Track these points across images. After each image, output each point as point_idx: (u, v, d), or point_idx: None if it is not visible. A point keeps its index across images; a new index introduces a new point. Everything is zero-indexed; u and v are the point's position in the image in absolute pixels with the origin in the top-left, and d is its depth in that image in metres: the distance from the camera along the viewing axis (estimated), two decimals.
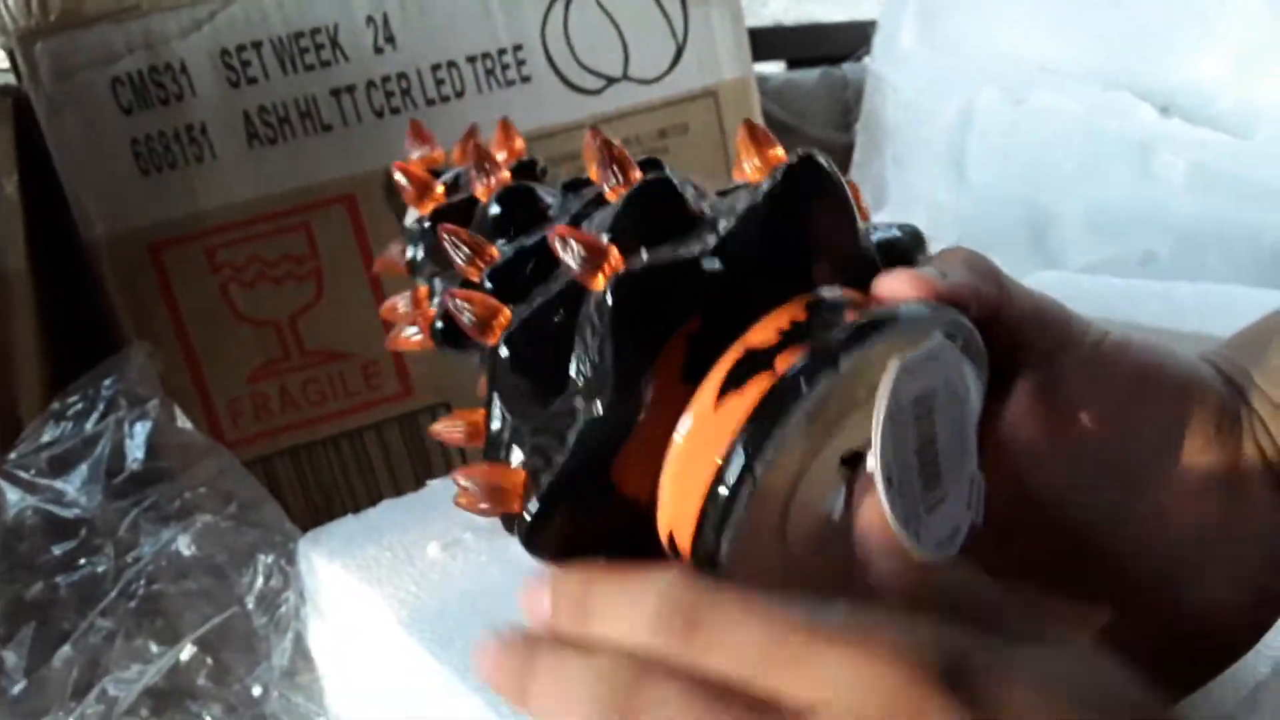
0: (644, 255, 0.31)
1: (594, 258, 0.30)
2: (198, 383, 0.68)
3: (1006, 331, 0.32)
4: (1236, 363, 0.34)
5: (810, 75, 0.97)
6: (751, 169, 0.33)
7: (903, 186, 0.84)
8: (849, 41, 0.98)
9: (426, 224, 0.40)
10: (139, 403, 0.53)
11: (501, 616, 0.48)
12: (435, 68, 0.67)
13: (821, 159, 0.31)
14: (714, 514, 0.28)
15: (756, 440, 0.28)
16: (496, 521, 0.54)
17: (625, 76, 0.69)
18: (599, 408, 0.30)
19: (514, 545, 0.53)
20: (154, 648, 0.49)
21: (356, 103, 0.67)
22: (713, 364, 0.29)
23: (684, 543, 0.30)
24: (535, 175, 0.41)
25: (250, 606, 0.48)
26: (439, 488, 0.56)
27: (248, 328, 0.68)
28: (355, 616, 0.49)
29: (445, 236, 0.35)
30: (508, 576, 0.49)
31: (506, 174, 0.39)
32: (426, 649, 0.46)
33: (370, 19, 0.66)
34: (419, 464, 0.72)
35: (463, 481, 0.34)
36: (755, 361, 0.29)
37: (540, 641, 0.29)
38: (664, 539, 0.31)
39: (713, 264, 0.30)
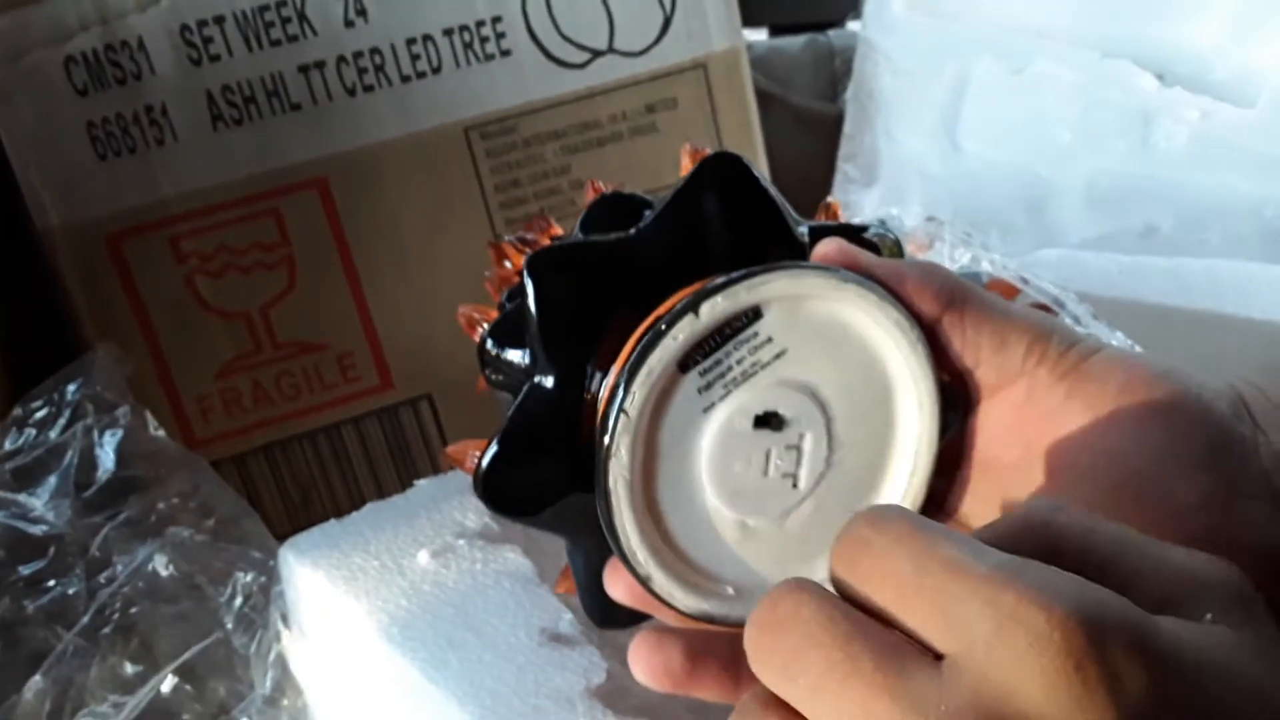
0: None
1: (532, 244, 0.36)
2: (164, 379, 0.64)
3: (973, 343, 0.31)
4: (1268, 393, 0.31)
5: (795, 43, 0.94)
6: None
7: (895, 158, 0.81)
8: (834, 7, 0.95)
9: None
10: (108, 409, 0.50)
11: (500, 633, 0.45)
12: (410, 41, 0.63)
13: (740, 157, 0.34)
14: (600, 456, 0.31)
15: (625, 380, 0.30)
16: (490, 526, 0.52)
17: (611, 49, 0.66)
18: (540, 377, 0.34)
19: (510, 553, 0.50)
20: (129, 669, 0.46)
21: (327, 80, 0.63)
22: None
23: None
24: None
25: (230, 627, 0.45)
26: (426, 489, 0.53)
27: (216, 320, 0.65)
28: (341, 632, 0.46)
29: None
30: (505, 587, 0.46)
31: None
32: (419, 669, 0.43)
33: None
34: (400, 459, 0.68)
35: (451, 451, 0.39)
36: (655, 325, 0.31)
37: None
38: None
39: (625, 248, 0.33)
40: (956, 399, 0.32)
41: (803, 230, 0.34)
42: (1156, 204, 0.74)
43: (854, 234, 0.34)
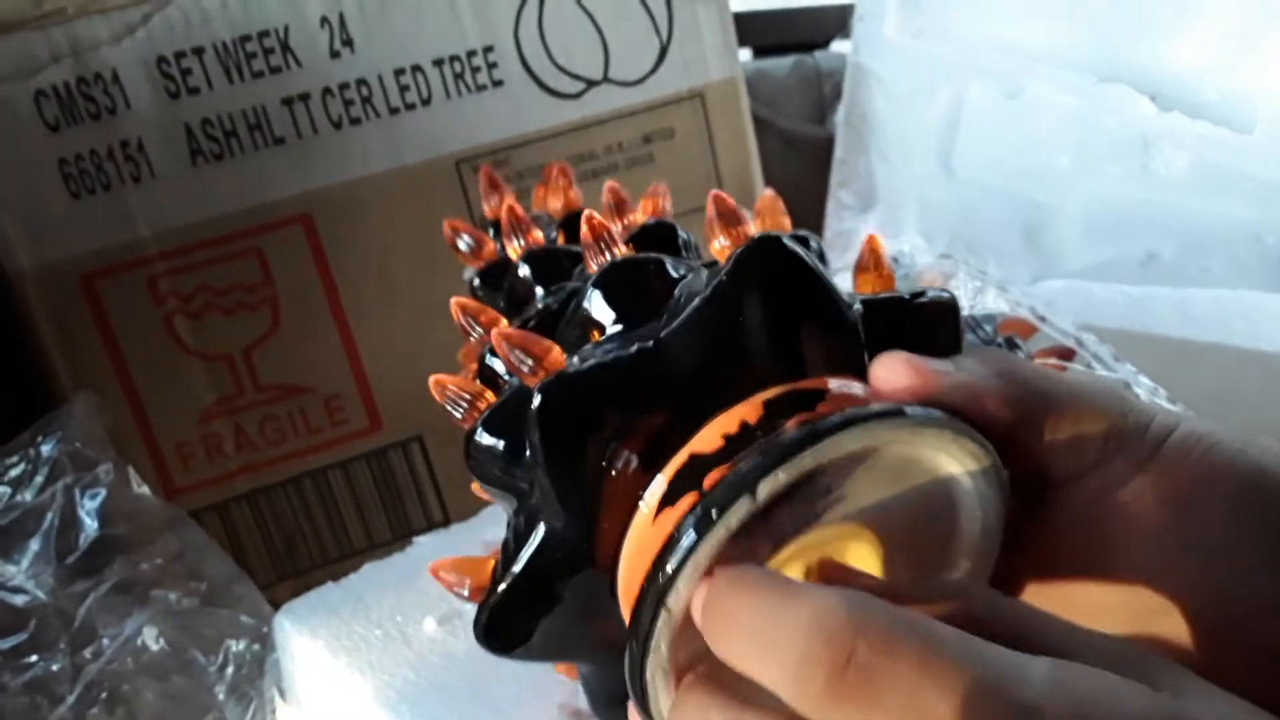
0: (575, 360, 0.30)
1: (535, 361, 0.30)
2: (142, 426, 0.61)
3: (1049, 444, 0.29)
4: None
5: (782, 65, 0.92)
6: (719, 249, 0.32)
7: (890, 184, 0.79)
8: (821, 28, 0.94)
9: (476, 282, 0.41)
10: (88, 466, 0.47)
11: (516, 709, 0.43)
12: (399, 72, 0.61)
13: (785, 242, 0.29)
14: (635, 646, 0.27)
15: (667, 573, 0.26)
16: None
17: (606, 79, 0.64)
18: (553, 520, 0.30)
19: None
20: None
21: (312, 112, 0.60)
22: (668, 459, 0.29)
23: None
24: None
25: (222, 699, 0.43)
26: (426, 546, 0.51)
27: (197, 363, 0.62)
28: (344, 706, 0.44)
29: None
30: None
31: (538, 234, 0.38)
32: None
33: (325, 20, 0.59)
34: (391, 505, 0.66)
35: (442, 574, 0.35)
36: (694, 470, 0.28)
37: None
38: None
39: (648, 363, 0.29)
40: (1024, 490, 0.29)
41: (856, 309, 0.30)
42: (1156, 231, 0.73)
43: (909, 306, 0.31)
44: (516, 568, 0.31)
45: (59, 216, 0.58)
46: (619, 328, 0.31)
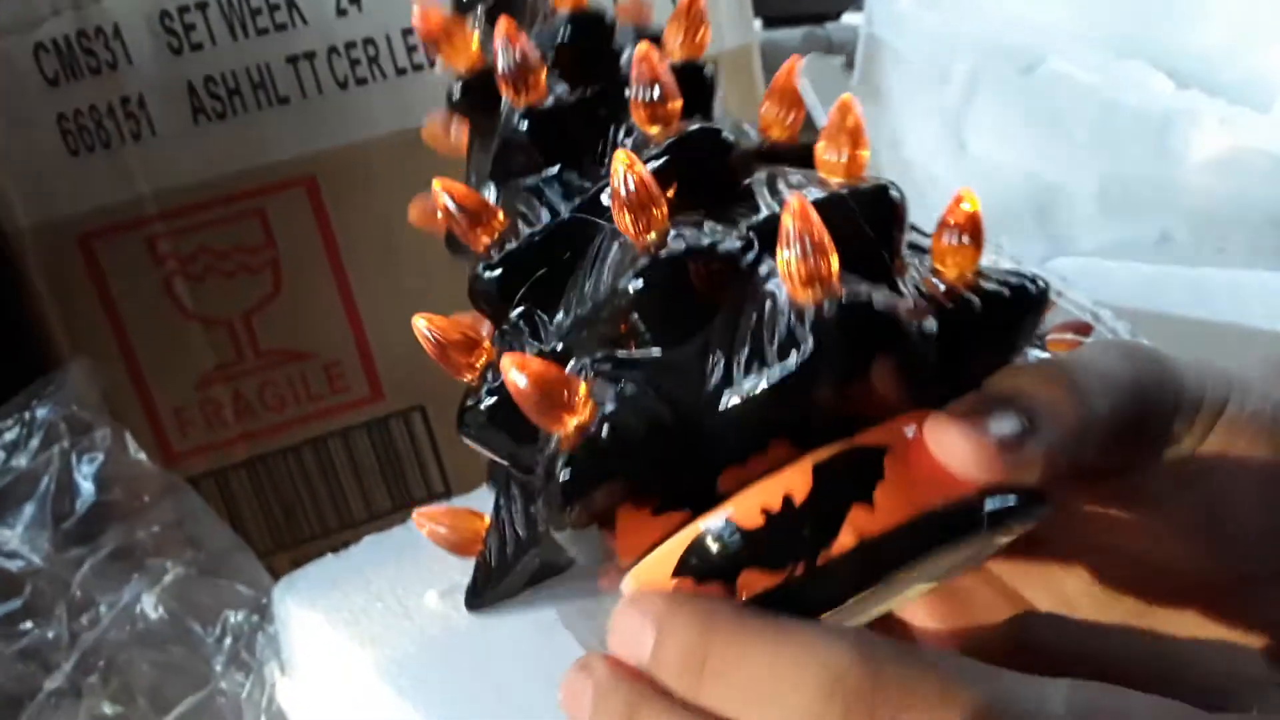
0: (609, 405, 0.25)
1: (553, 402, 0.25)
2: (140, 390, 0.60)
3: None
4: None
5: (792, 36, 0.91)
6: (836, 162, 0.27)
7: (901, 159, 0.78)
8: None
9: (458, 92, 0.33)
10: (84, 430, 0.46)
11: (518, 684, 0.42)
12: (406, 32, 0.59)
13: (878, 308, 0.24)
14: None
15: None
16: None
17: None
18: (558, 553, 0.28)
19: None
20: (114, 714, 0.43)
21: (317, 72, 0.59)
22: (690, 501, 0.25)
23: None
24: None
25: (220, 670, 0.42)
26: None
27: (196, 327, 0.61)
28: (344, 680, 0.43)
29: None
30: (524, 632, 0.43)
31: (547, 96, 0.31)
32: None
33: None
34: (392, 475, 0.65)
35: (426, 525, 0.32)
36: (721, 554, 0.24)
37: (643, 692, 0.24)
38: None
39: (693, 436, 0.24)
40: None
41: (929, 327, 0.25)
42: (1171, 210, 0.72)
43: (992, 313, 0.25)
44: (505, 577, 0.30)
45: (57, 173, 0.57)
46: (656, 350, 0.26)
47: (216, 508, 0.59)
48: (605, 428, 0.25)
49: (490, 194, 0.32)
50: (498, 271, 0.30)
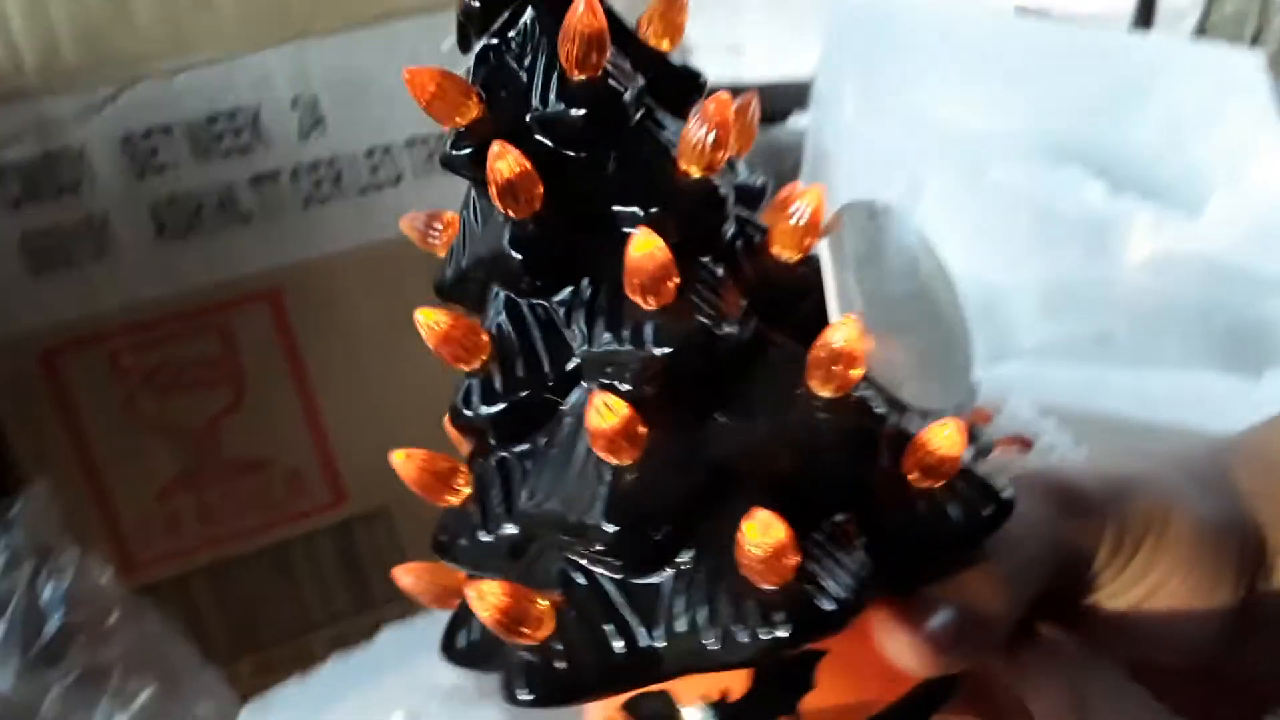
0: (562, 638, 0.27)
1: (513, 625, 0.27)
2: (101, 501, 0.61)
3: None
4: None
5: None
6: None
7: None
8: (780, 102, 0.95)
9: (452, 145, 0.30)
10: (47, 553, 0.46)
11: None
12: (369, 153, 0.61)
13: None
14: None
15: None
16: (467, 686, 0.49)
17: None
18: None
19: (489, 711, 0.47)
20: None
21: (281, 191, 0.60)
22: None
23: None
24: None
25: None
26: (391, 639, 0.50)
27: (158, 438, 0.61)
28: None
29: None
30: None
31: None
32: None
33: (296, 100, 0.59)
34: (354, 580, 0.65)
35: (403, 579, 0.32)
36: None
37: None
38: None
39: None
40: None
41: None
42: (1111, 310, 0.75)
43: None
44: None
45: (20, 292, 0.58)
46: (617, 575, 0.27)
47: (178, 614, 0.59)
48: (560, 660, 0.26)
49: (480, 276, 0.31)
50: (484, 412, 0.30)
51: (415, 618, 0.52)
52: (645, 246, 0.26)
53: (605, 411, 0.26)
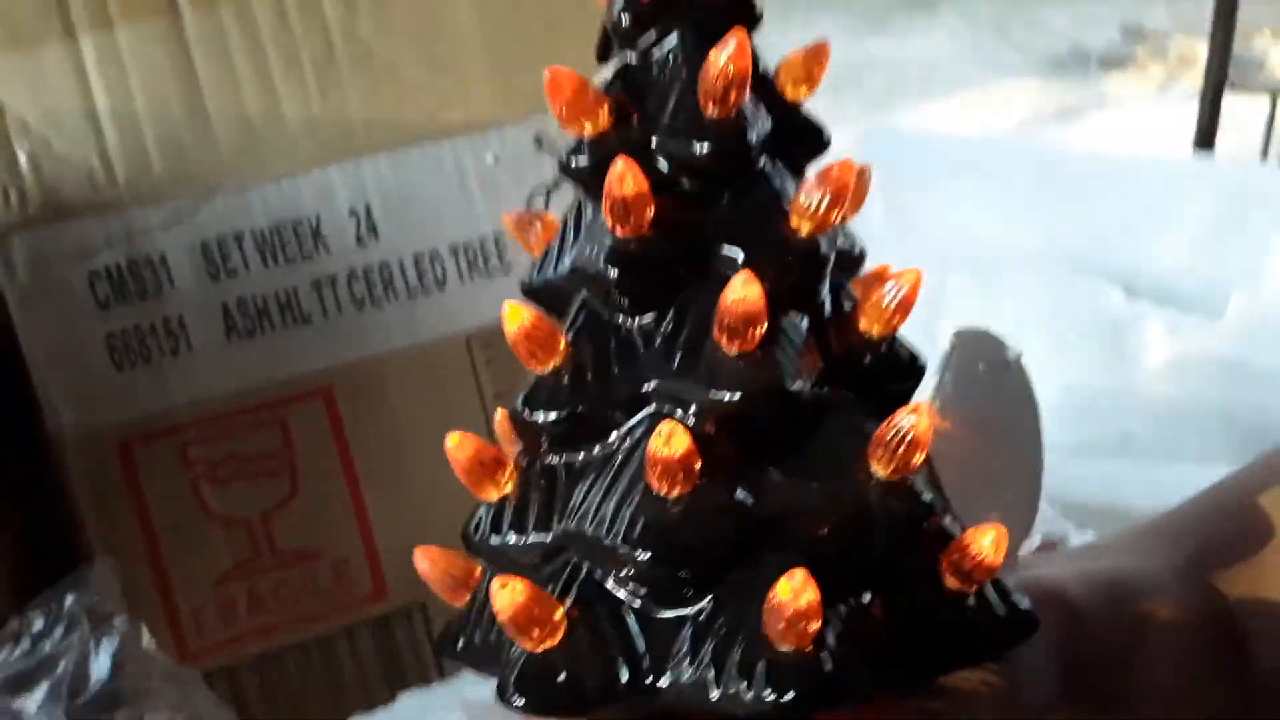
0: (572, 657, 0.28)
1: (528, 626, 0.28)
2: (162, 587, 0.64)
3: None
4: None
5: None
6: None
7: None
8: None
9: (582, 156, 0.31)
10: (104, 620, 0.50)
11: None
12: (418, 258, 0.67)
13: None
14: None
15: None
16: None
17: None
18: None
19: None
20: None
21: (338, 293, 0.66)
22: None
23: None
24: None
25: None
26: (410, 704, 0.53)
27: (218, 527, 0.65)
28: None
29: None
30: None
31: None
32: None
33: (353, 210, 0.65)
34: (391, 672, 0.68)
35: (421, 562, 0.33)
36: None
37: None
38: None
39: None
40: None
41: None
42: (1131, 413, 0.77)
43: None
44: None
45: (102, 386, 0.63)
46: (638, 603, 0.29)
47: (226, 702, 0.62)
48: (562, 673, 0.28)
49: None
50: (546, 415, 0.31)
51: (433, 686, 0.54)
52: (743, 290, 0.27)
53: (670, 439, 0.27)
